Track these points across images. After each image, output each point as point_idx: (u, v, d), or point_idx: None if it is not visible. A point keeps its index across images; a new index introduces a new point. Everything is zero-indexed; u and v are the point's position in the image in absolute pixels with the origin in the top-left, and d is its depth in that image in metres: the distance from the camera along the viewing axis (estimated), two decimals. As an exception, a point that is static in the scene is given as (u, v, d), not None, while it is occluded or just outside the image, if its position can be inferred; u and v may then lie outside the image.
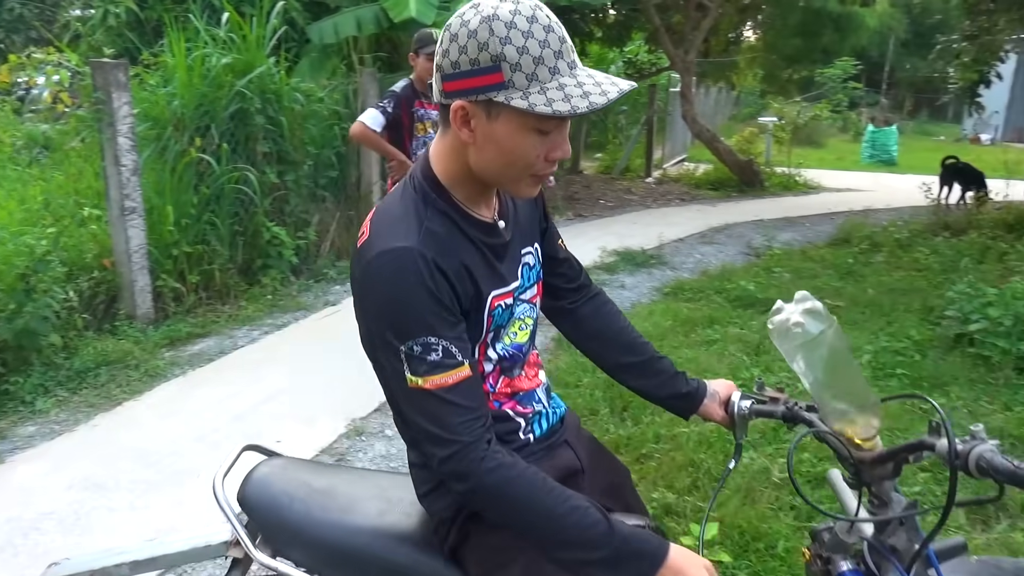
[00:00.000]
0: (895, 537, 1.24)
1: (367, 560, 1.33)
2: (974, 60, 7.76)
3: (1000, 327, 4.45)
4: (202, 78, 5.36)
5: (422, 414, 1.12)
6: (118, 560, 1.41)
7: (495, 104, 1.08)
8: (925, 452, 1.19)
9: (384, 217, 1.19)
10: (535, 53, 1.07)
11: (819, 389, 1.30)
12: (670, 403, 1.52)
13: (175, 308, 4.91)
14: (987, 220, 8.30)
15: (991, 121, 23.69)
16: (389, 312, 1.12)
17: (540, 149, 1.13)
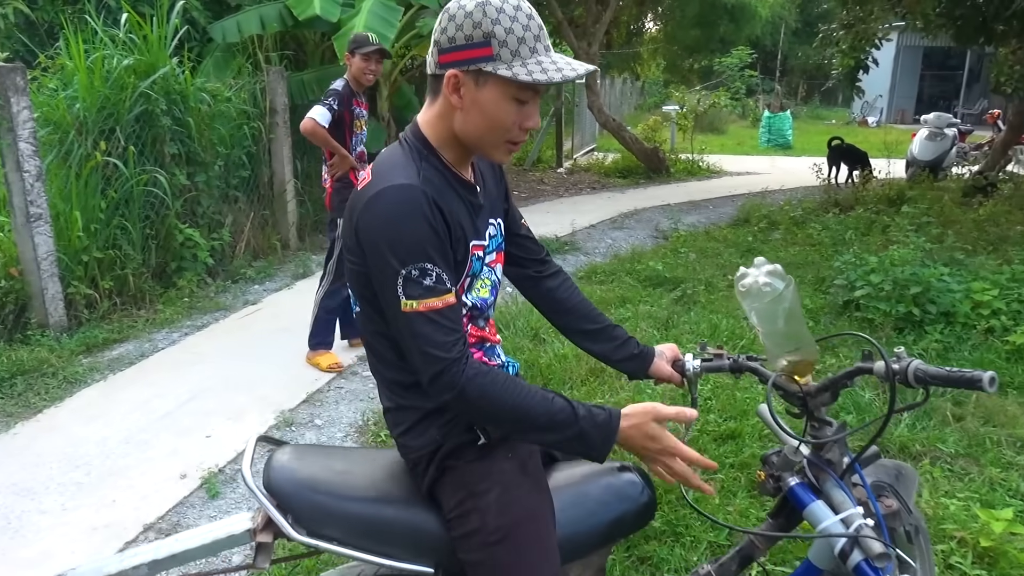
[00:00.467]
0: (830, 452, 1.52)
1: (396, 529, 1.45)
2: (851, 47, 8.33)
3: (881, 292, 4.86)
4: (103, 80, 5.26)
5: (415, 336, 1.27)
6: (135, 561, 1.40)
7: (483, 73, 1.29)
8: (862, 375, 1.46)
9: (385, 164, 1.36)
10: (519, 34, 1.28)
11: (773, 337, 1.54)
12: (624, 364, 1.73)
13: (89, 315, 4.82)
14: (871, 196, 8.93)
15: (877, 104, 25.21)
16: (392, 239, 1.26)
17: (517, 117, 1.33)
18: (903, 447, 3.31)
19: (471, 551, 1.40)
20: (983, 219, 7.46)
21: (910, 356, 1.39)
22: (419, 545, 1.45)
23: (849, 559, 1.35)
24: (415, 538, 1.45)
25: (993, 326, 4.52)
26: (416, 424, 1.43)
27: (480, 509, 1.38)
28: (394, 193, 1.28)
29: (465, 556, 1.41)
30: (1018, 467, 3.17)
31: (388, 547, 1.44)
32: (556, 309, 1.73)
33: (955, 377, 1.30)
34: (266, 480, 1.47)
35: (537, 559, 1.40)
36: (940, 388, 1.41)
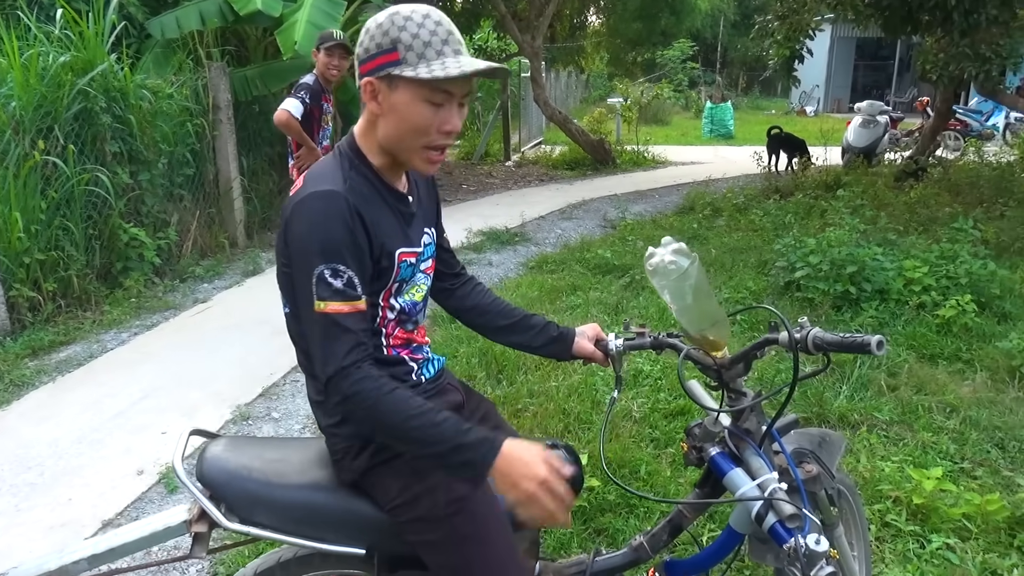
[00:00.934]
0: (748, 422, 1.60)
1: (328, 514, 1.49)
2: (786, 38, 8.58)
3: (820, 272, 5.06)
4: (39, 78, 5.13)
5: (318, 336, 1.33)
6: (75, 557, 1.42)
7: (393, 78, 1.35)
8: (769, 346, 1.55)
9: (315, 172, 1.42)
10: (425, 39, 1.34)
11: (686, 313, 1.62)
12: (547, 348, 1.80)
13: (33, 318, 4.72)
14: (810, 182, 9.22)
15: (814, 94, 25.91)
16: (311, 239, 1.32)
17: (433, 120, 1.37)
18: (842, 416, 3.47)
19: (425, 531, 1.43)
20: (914, 202, 7.78)
21: (813, 326, 1.48)
22: (351, 528, 1.50)
23: (764, 522, 1.42)
24: (347, 522, 1.50)
25: (924, 301, 4.75)
26: (343, 419, 1.47)
27: (429, 488, 1.42)
28: (318, 198, 1.34)
29: (419, 537, 1.45)
30: (948, 431, 3.36)
31: (320, 531, 1.48)
32: (472, 313, 1.80)
33: (847, 343, 1.40)
34: (199, 472, 1.50)
35: (493, 527, 1.46)
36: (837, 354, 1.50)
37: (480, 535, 1.44)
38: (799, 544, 1.34)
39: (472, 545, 1.43)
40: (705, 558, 1.71)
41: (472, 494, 1.43)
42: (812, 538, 1.34)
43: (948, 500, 2.76)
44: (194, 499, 1.47)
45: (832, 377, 3.90)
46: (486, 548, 1.44)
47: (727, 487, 1.54)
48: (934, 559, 2.51)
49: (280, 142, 7.88)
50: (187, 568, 2.55)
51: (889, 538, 2.63)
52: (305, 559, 1.60)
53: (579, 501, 2.71)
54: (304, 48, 6.38)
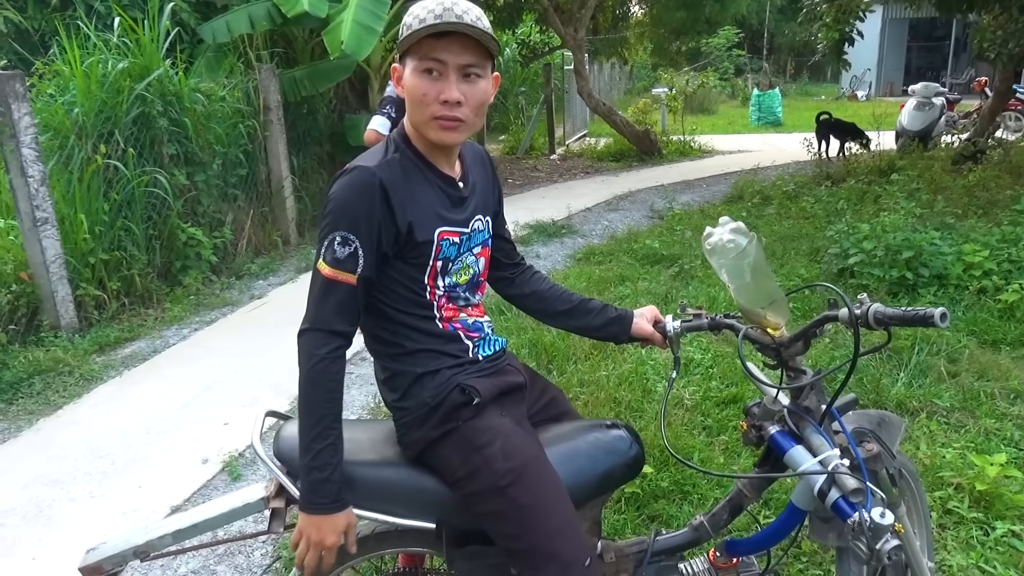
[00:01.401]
0: (808, 400, 1.60)
1: (398, 489, 1.56)
2: (834, 20, 8.39)
3: (874, 258, 4.96)
4: (99, 85, 5.33)
5: (315, 292, 1.44)
6: (160, 532, 1.50)
7: (403, 58, 1.45)
8: (829, 323, 1.55)
9: (364, 154, 1.53)
10: (421, 16, 1.40)
11: (744, 292, 1.62)
12: (607, 330, 1.82)
13: (99, 316, 4.91)
14: (862, 168, 9.02)
15: (865, 78, 25.25)
16: (334, 207, 1.43)
17: (430, 90, 1.42)
18: (900, 403, 3.41)
19: (486, 502, 1.48)
20: (973, 185, 7.55)
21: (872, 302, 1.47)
22: (420, 503, 1.55)
23: (827, 497, 1.42)
24: (416, 497, 1.55)
25: (985, 286, 4.62)
26: (408, 388, 1.53)
27: (487, 459, 1.47)
28: (354, 173, 1.44)
29: (482, 508, 1.49)
30: (1012, 417, 3.27)
31: (392, 505, 1.54)
32: (531, 300, 1.84)
33: (910, 316, 1.39)
34: (276, 450, 1.56)
35: (552, 496, 1.50)
36: (901, 328, 1.49)
37: (538, 504, 1.47)
38: (863, 518, 1.34)
39: (531, 514, 1.47)
40: (766, 536, 1.71)
41: (530, 464, 1.48)
42: (877, 511, 1.34)
43: (1013, 487, 2.69)
44: (272, 476, 1.53)
45: (890, 364, 3.82)
46: (545, 517, 1.47)
47: (788, 464, 1.54)
48: (999, 546, 2.46)
49: (328, 141, 8.04)
50: (252, 552, 2.64)
51: (952, 525, 2.58)
52: (382, 536, 1.65)
53: (633, 487, 2.72)
54: (350, 47, 6.48)
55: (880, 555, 1.33)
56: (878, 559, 1.34)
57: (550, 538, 1.47)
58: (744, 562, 1.80)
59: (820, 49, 9.24)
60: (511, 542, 1.49)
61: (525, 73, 16.25)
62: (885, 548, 1.32)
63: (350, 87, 8.41)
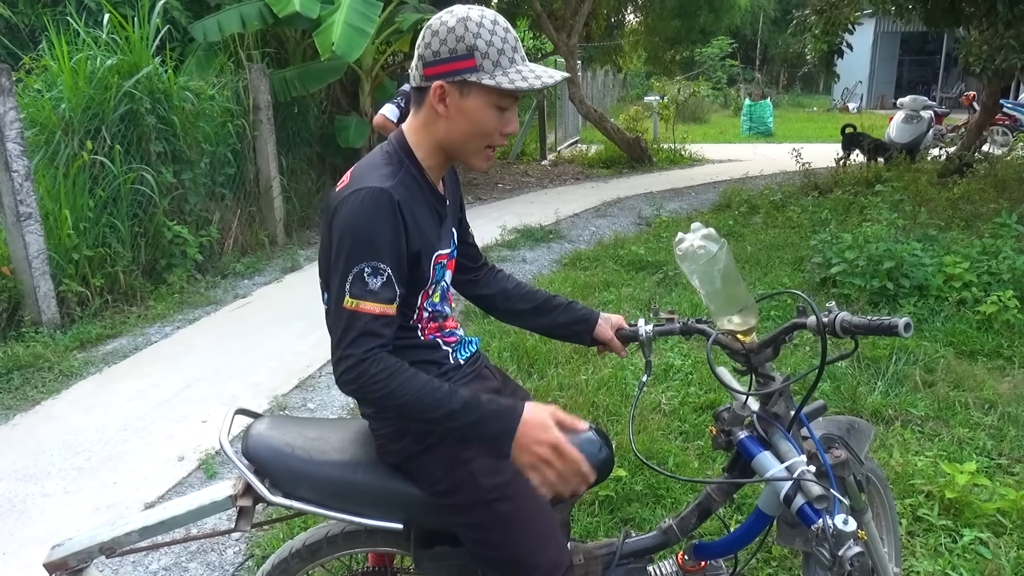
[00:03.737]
0: (777, 406, 1.61)
1: (366, 489, 1.55)
2: (824, 32, 8.46)
3: (856, 268, 5.00)
4: (87, 81, 5.32)
5: (343, 329, 1.34)
6: (127, 529, 1.49)
7: (467, 84, 1.39)
8: (797, 330, 1.56)
9: (364, 168, 1.44)
10: (499, 46, 1.38)
11: (715, 298, 1.64)
12: (572, 328, 1.82)
13: (81, 312, 4.90)
14: (850, 178, 9.08)
15: (857, 91, 25.43)
16: (356, 235, 1.34)
17: (498, 123, 1.43)
18: (876, 412, 3.44)
19: (469, 514, 1.48)
20: (957, 197, 7.62)
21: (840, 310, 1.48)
22: (389, 504, 1.55)
23: (793, 503, 1.43)
24: (385, 498, 1.55)
25: (964, 297, 4.66)
26: None
27: (472, 473, 1.47)
28: (367, 194, 1.35)
29: (463, 520, 1.50)
30: (984, 427, 3.30)
31: (360, 506, 1.54)
32: (496, 300, 1.83)
33: (875, 325, 1.40)
34: (244, 448, 1.56)
35: (534, 509, 1.50)
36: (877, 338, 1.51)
37: (522, 518, 1.48)
38: (827, 524, 1.35)
39: (514, 527, 1.48)
40: (733, 540, 1.72)
41: (514, 479, 1.46)
42: (840, 518, 1.35)
43: (982, 495, 2.72)
44: (240, 474, 1.53)
45: (867, 373, 3.85)
46: (528, 528, 1.49)
47: (756, 470, 1.55)
48: (966, 553, 2.48)
49: (318, 142, 8.05)
50: (224, 550, 2.64)
51: (921, 532, 2.60)
52: (352, 535, 1.66)
53: (606, 490, 2.74)
54: (341, 49, 6.50)
55: (843, 561, 1.34)
56: (840, 565, 1.35)
57: (531, 549, 1.48)
58: (712, 565, 1.81)
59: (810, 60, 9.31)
60: (491, 551, 1.50)
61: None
62: (847, 555, 1.33)
63: (341, 88, 8.42)
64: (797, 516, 1.45)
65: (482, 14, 1.39)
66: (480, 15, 1.39)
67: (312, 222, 7.87)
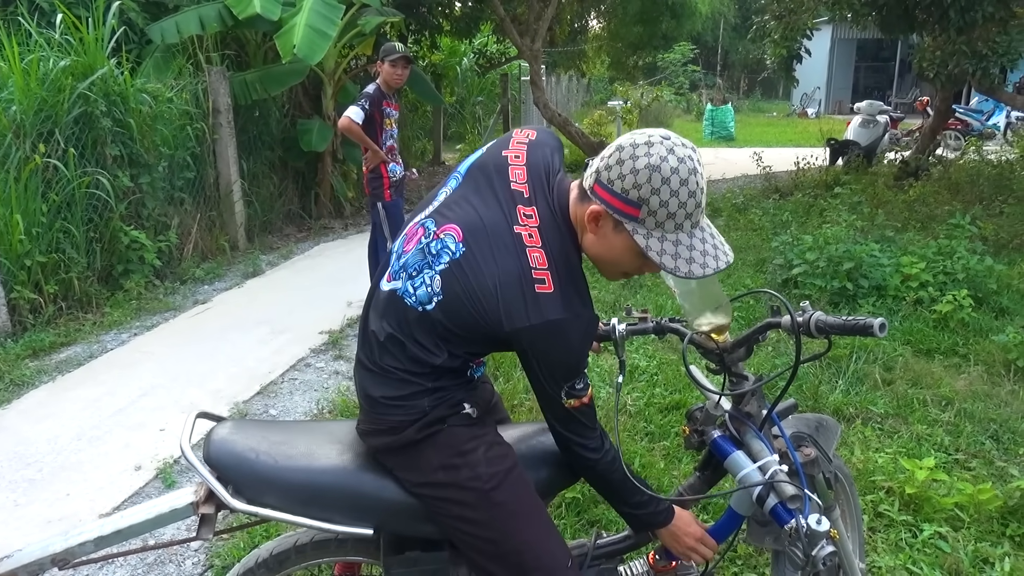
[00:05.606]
0: (749, 406, 1.62)
1: (335, 493, 1.50)
2: (783, 37, 8.60)
3: (817, 269, 5.08)
4: (40, 82, 5.18)
5: (573, 421, 1.47)
6: (81, 539, 1.43)
7: (623, 226, 1.34)
8: (771, 330, 1.57)
9: (564, 271, 1.38)
10: (672, 209, 1.30)
11: (689, 297, 1.65)
12: None
13: (34, 320, 4.75)
14: (809, 182, 9.23)
15: (815, 96, 25.90)
16: (570, 360, 1.40)
17: (638, 266, 1.42)
18: (837, 410, 3.48)
19: (462, 506, 1.46)
20: (913, 200, 7.78)
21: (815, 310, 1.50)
22: (359, 509, 1.50)
23: (765, 503, 1.45)
24: (355, 502, 1.51)
25: (921, 297, 4.76)
26: (409, 395, 1.46)
27: (470, 463, 1.45)
28: (583, 326, 1.38)
29: (454, 512, 1.47)
30: (942, 423, 3.37)
31: (328, 512, 1.48)
32: None
33: (850, 325, 1.41)
34: (206, 453, 1.50)
35: (530, 501, 1.51)
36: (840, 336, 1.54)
37: (519, 509, 1.48)
38: (800, 524, 1.36)
39: (512, 518, 1.47)
40: None
41: (512, 470, 1.48)
42: (813, 518, 1.36)
43: (941, 490, 2.77)
44: (201, 480, 1.47)
45: (828, 371, 3.91)
46: (529, 524, 1.48)
47: (728, 469, 1.57)
48: (926, 548, 2.52)
49: (280, 146, 7.94)
50: (183, 561, 2.57)
51: (882, 528, 2.64)
52: (320, 544, 1.61)
53: (573, 492, 2.73)
54: (303, 52, 6.42)
55: (816, 561, 1.35)
56: (813, 565, 1.36)
57: (533, 542, 1.47)
58: (683, 565, 1.81)
59: (769, 65, 9.46)
60: (489, 545, 1.47)
61: (482, 83, 16.29)
62: (820, 554, 1.34)
63: (303, 92, 8.32)
64: (770, 516, 1.46)
65: (675, 168, 1.29)
66: (672, 169, 1.29)
67: (274, 227, 7.76)
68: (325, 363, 4.28)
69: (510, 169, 1.46)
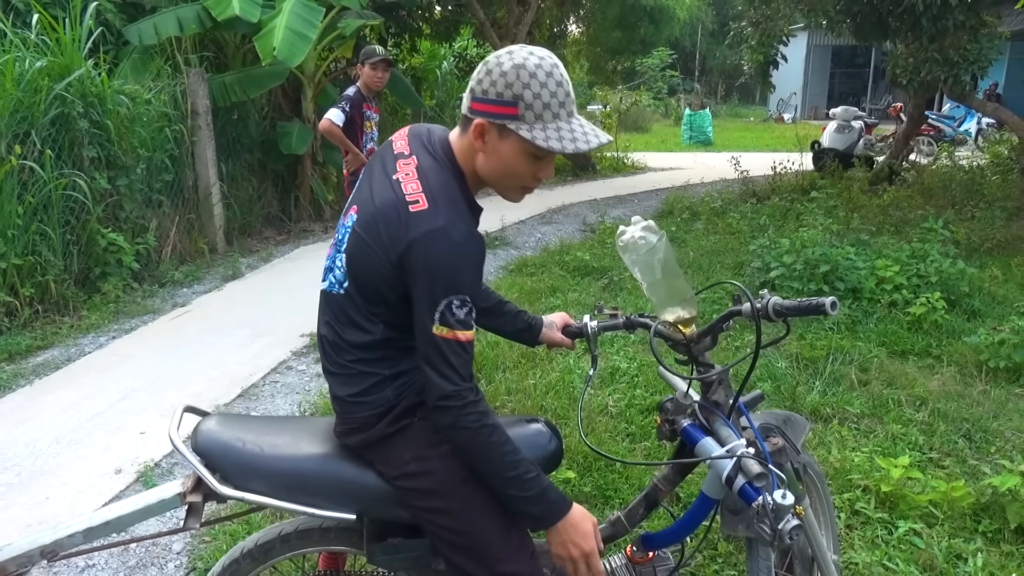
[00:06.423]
0: (717, 395, 1.68)
1: (319, 480, 1.55)
2: (759, 43, 8.73)
3: (794, 272, 5.16)
4: (15, 83, 5.12)
5: (439, 358, 1.39)
6: (70, 531, 1.45)
7: (507, 129, 1.40)
8: (734, 318, 1.64)
9: (439, 192, 1.43)
10: (545, 100, 1.38)
11: (656, 289, 1.71)
12: (518, 335, 1.93)
13: (9, 323, 4.69)
14: (786, 186, 9.35)
15: (791, 102, 26.24)
16: (446, 272, 1.38)
17: (532, 170, 1.46)
18: (814, 410, 3.54)
19: (433, 498, 1.50)
20: (887, 204, 7.92)
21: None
22: (342, 495, 1.55)
23: (734, 484, 1.49)
24: (339, 489, 1.55)
25: (896, 299, 4.85)
26: (371, 387, 1.51)
27: (441, 455, 1.49)
28: (459, 236, 1.38)
29: (425, 503, 1.51)
30: (916, 423, 3.44)
31: (312, 498, 1.53)
32: None
33: (804, 306, 1.50)
34: (195, 443, 1.54)
35: None
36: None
37: (488, 505, 1.50)
38: (767, 500, 1.40)
39: (480, 513, 1.50)
40: (679, 528, 1.76)
41: None
42: (779, 493, 1.40)
43: (915, 488, 2.82)
44: (189, 472, 1.52)
45: (805, 373, 3.97)
46: (494, 517, 1.51)
47: (698, 455, 1.61)
48: (901, 544, 2.57)
49: (259, 149, 7.90)
50: (165, 564, 2.56)
51: (859, 525, 2.69)
52: (305, 533, 1.65)
53: (555, 493, 2.75)
54: (283, 54, 6.40)
55: (782, 535, 1.39)
56: (780, 539, 1.39)
57: (498, 533, 1.51)
58: (660, 556, 1.85)
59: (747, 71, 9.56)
60: (456, 536, 1.51)
61: (462, 86, 16.32)
62: (786, 528, 1.38)
63: (283, 94, 8.29)
64: (739, 496, 1.50)
65: (539, 63, 1.39)
66: (536, 64, 1.38)
67: (253, 229, 7.72)
68: (306, 366, 4.27)
69: (394, 143, 1.57)
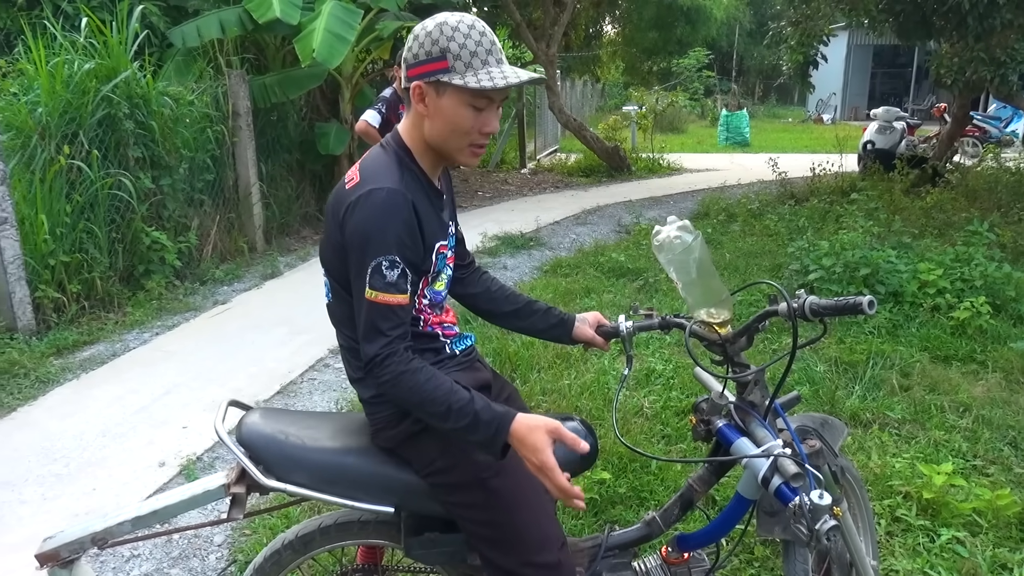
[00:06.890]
0: (753, 395, 1.66)
1: (359, 473, 1.59)
2: (799, 43, 8.61)
3: (834, 274, 5.08)
4: (65, 85, 5.27)
5: (367, 321, 1.44)
6: (119, 520, 1.51)
7: (442, 84, 1.45)
8: (770, 318, 1.62)
9: (372, 167, 1.51)
10: (472, 48, 1.44)
11: (691, 288, 1.70)
12: (550, 332, 1.91)
13: (58, 318, 4.83)
14: (825, 188, 9.22)
15: (831, 102, 25.83)
16: (372, 233, 1.42)
17: (475, 122, 1.48)
18: (854, 415, 3.49)
19: (463, 494, 1.53)
20: (930, 207, 7.76)
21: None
22: (380, 489, 1.59)
23: (770, 484, 1.47)
24: (377, 482, 1.59)
25: (938, 304, 4.75)
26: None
27: (467, 451, 1.52)
28: (382, 194, 1.43)
29: (456, 499, 1.54)
30: (960, 429, 3.37)
31: (352, 491, 1.58)
32: (480, 299, 1.90)
33: (841, 305, 1.47)
34: (239, 435, 1.59)
35: (529, 488, 1.55)
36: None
37: (517, 497, 1.53)
38: (803, 500, 1.38)
39: (507, 503, 1.53)
40: (715, 528, 1.76)
41: (509, 456, 1.50)
42: (816, 493, 1.38)
43: (959, 495, 2.77)
44: (234, 464, 1.57)
45: (844, 377, 3.91)
46: (520, 506, 1.54)
47: (734, 455, 1.60)
48: (944, 553, 2.52)
49: (297, 149, 8.02)
50: (206, 555, 2.62)
51: (899, 532, 2.64)
52: (344, 526, 1.69)
53: (590, 493, 2.75)
54: (322, 56, 6.49)
55: (819, 535, 1.37)
56: (817, 539, 1.38)
57: (526, 525, 1.54)
58: (695, 558, 1.85)
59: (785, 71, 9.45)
60: (486, 529, 1.54)
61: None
62: (823, 528, 1.36)
63: (321, 95, 8.40)
64: (775, 496, 1.48)
65: (460, 19, 1.46)
66: (458, 20, 1.45)
67: (291, 229, 7.84)
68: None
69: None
